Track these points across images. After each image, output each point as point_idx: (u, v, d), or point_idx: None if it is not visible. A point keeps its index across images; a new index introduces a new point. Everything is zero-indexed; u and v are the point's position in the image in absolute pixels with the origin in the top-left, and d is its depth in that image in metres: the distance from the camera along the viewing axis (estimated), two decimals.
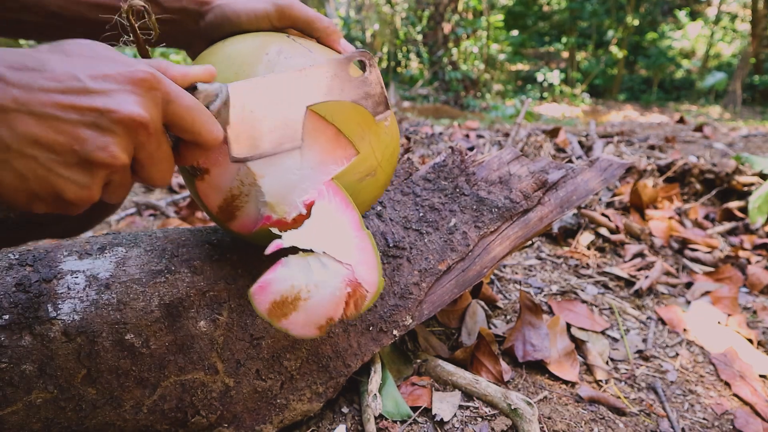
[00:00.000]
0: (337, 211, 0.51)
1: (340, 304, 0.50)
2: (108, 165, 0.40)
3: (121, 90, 0.40)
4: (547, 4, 12.50)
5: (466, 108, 7.54)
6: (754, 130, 3.60)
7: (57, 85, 0.38)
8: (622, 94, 11.92)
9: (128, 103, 0.40)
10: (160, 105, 0.42)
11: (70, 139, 0.38)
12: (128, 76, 0.40)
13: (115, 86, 0.40)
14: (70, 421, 0.58)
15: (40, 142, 0.37)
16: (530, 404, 0.73)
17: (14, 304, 0.57)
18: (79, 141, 0.38)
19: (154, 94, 0.42)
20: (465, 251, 0.79)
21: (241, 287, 0.66)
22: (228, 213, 0.57)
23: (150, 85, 0.41)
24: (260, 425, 0.66)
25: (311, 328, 0.50)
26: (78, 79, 0.38)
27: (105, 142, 0.39)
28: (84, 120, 0.38)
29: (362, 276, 0.49)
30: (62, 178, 0.38)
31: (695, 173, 1.96)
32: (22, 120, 0.36)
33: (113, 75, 0.40)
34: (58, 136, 0.38)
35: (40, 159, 0.37)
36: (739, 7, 12.29)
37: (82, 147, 0.38)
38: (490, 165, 0.90)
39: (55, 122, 0.37)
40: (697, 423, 0.88)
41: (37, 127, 0.37)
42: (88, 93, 0.38)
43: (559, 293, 1.23)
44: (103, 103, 0.39)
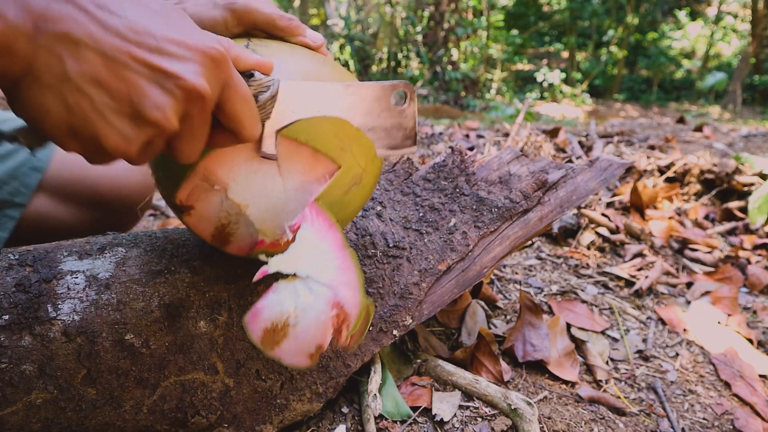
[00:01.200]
0: (320, 232, 0.51)
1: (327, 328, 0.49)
2: (158, 125, 0.39)
3: (191, 59, 0.40)
4: (547, 4, 12.50)
5: (466, 108, 7.54)
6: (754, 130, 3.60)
7: (133, 35, 0.38)
8: (622, 94, 11.92)
9: (195, 74, 0.40)
10: (220, 86, 0.42)
11: (132, 89, 0.38)
12: (201, 48, 0.40)
13: (187, 53, 0.40)
14: (70, 421, 0.58)
15: (102, 83, 0.37)
16: (530, 404, 0.73)
17: (14, 304, 0.57)
18: (139, 94, 0.38)
19: (219, 74, 0.42)
20: (465, 251, 0.79)
21: (241, 287, 0.66)
22: (222, 240, 0.58)
23: (218, 64, 0.41)
24: (260, 425, 0.66)
25: (302, 357, 0.50)
26: (154, 36, 0.38)
27: (163, 103, 0.39)
28: (149, 76, 0.38)
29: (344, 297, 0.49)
30: (109, 125, 0.38)
31: (695, 173, 1.96)
32: (92, 57, 0.36)
33: (187, 42, 0.40)
34: (121, 83, 0.37)
35: (95, 99, 0.37)
36: (739, 7, 12.29)
37: (140, 100, 0.38)
38: (490, 165, 0.90)
39: (123, 69, 0.37)
40: (697, 423, 0.88)
41: (104, 68, 0.37)
42: (160, 53, 0.38)
43: (559, 293, 1.23)
44: (172, 66, 0.39)
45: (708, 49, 11.92)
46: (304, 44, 0.59)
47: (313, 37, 0.60)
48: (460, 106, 7.65)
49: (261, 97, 0.47)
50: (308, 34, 0.60)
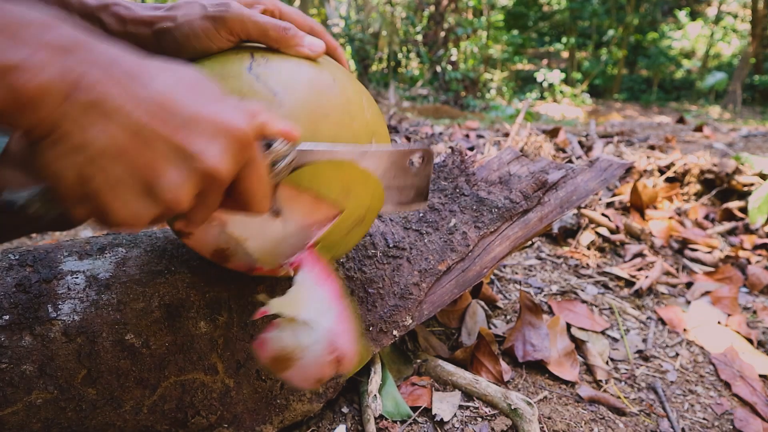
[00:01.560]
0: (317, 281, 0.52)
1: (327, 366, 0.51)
2: (169, 205, 0.38)
3: (215, 138, 0.38)
4: (547, 4, 12.50)
5: (466, 108, 7.54)
6: (754, 130, 3.59)
7: (160, 111, 0.36)
8: (622, 94, 11.92)
9: (216, 157, 0.38)
10: (240, 166, 0.41)
11: (149, 167, 0.36)
12: (227, 127, 0.39)
13: (212, 132, 0.38)
14: (70, 421, 0.58)
15: (121, 157, 0.36)
16: (530, 404, 0.73)
17: (14, 304, 0.57)
18: (156, 173, 0.37)
19: (242, 154, 0.40)
20: (465, 251, 0.79)
21: (241, 287, 0.66)
22: (221, 259, 0.58)
23: (243, 146, 0.40)
24: (260, 425, 0.66)
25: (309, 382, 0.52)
26: (181, 112, 0.37)
27: (179, 184, 0.38)
28: (170, 155, 0.37)
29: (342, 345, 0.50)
30: (119, 199, 0.37)
31: (695, 173, 1.96)
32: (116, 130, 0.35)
33: (214, 120, 0.38)
34: (140, 159, 0.36)
35: (110, 173, 0.36)
36: (739, 7, 12.29)
37: (156, 180, 0.37)
38: (490, 165, 0.90)
39: (144, 146, 0.36)
40: (697, 423, 0.88)
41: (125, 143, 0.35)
42: (185, 130, 0.37)
43: (559, 293, 1.23)
44: (194, 147, 0.37)
45: (708, 49, 11.93)
46: (303, 56, 0.55)
47: (312, 47, 0.55)
48: (460, 106, 7.65)
49: (277, 166, 0.46)
50: (306, 43, 0.55)
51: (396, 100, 7.24)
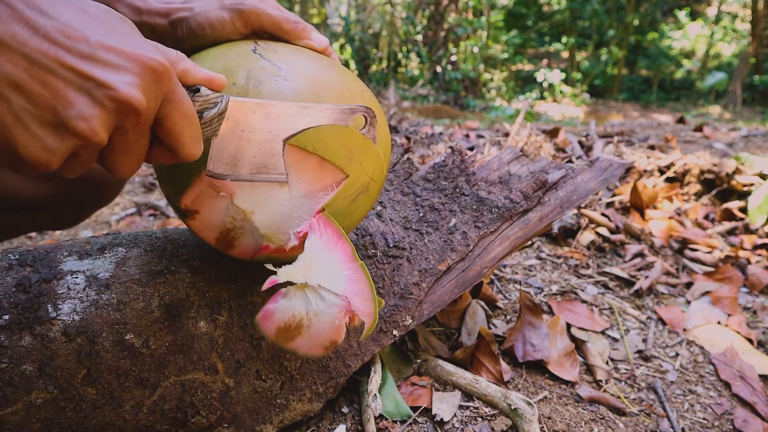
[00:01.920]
0: (329, 244, 0.51)
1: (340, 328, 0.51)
2: (83, 137, 0.37)
3: (128, 69, 0.37)
4: (547, 4, 12.51)
5: (466, 108, 7.54)
6: (754, 130, 3.60)
7: (64, 39, 0.35)
8: (622, 94, 11.92)
9: (130, 85, 0.37)
10: (159, 99, 0.40)
11: (56, 96, 0.35)
12: (140, 58, 0.38)
13: (123, 62, 0.37)
14: (70, 421, 0.58)
15: (22, 87, 0.34)
16: (530, 404, 0.73)
17: (14, 304, 0.57)
18: (63, 102, 0.35)
19: (159, 87, 0.39)
20: (465, 251, 0.79)
21: (241, 287, 0.66)
22: (226, 244, 0.58)
23: (158, 77, 0.39)
24: (260, 425, 0.66)
25: (318, 349, 0.52)
26: (88, 42, 0.36)
27: (90, 114, 0.36)
28: (78, 84, 0.36)
29: (357, 307, 0.50)
30: (28, 133, 0.35)
31: (695, 173, 1.96)
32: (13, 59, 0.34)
33: (125, 51, 0.37)
34: (44, 89, 0.35)
35: (14, 104, 0.34)
36: (739, 7, 12.30)
37: (65, 109, 0.35)
38: (490, 165, 0.90)
39: (47, 74, 0.35)
40: (697, 423, 0.88)
41: (25, 73, 0.34)
42: (92, 60, 0.36)
43: (559, 293, 1.23)
44: (104, 75, 0.36)
45: (708, 49, 11.93)
46: (309, 47, 0.59)
47: (319, 40, 0.59)
48: (460, 106, 7.65)
49: (206, 114, 0.45)
50: (313, 36, 0.59)
51: (396, 100, 7.24)
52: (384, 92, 7.77)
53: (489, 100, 8.59)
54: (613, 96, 11.71)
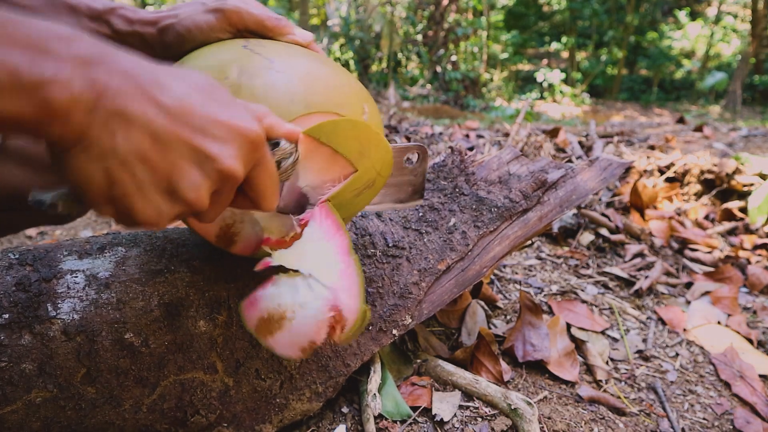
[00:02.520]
0: (327, 234, 0.52)
1: (322, 327, 0.50)
2: (190, 204, 0.41)
3: (230, 141, 0.41)
4: (547, 4, 12.50)
5: (466, 108, 7.54)
6: (754, 130, 3.59)
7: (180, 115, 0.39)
8: (622, 94, 11.92)
9: (233, 158, 0.41)
10: (252, 165, 0.44)
11: (173, 168, 0.39)
12: (241, 130, 0.41)
13: (227, 135, 0.41)
14: (69, 420, 0.58)
15: (147, 160, 0.38)
16: (530, 404, 0.73)
17: (14, 303, 0.56)
18: (179, 173, 0.39)
19: (254, 155, 0.43)
20: (464, 251, 0.79)
21: (240, 287, 0.66)
22: (227, 240, 0.58)
23: (254, 147, 0.43)
24: (260, 425, 0.66)
25: (294, 349, 0.51)
26: (199, 116, 0.40)
27: (199, 184, 0.40)
28: (191, 156, 0.39)
29: (343, 302, 0.49)
30: (144, 198, 0.39)
31: (695, 173, 1.96)
32: (141, 135, 0.37)
33: (229, 124, 0.41)
34: (164, 161, 0.38)
35: (136, 176, 0.38)
36: (739, 7, 12.29)
37: (179, 180, 0.39)
38: (490, 165, 0.90)
39: (168, 148, 0.38)
40: (697, 423, 0.88)
41: (151, 147, 0.38)
42: (203, 133, 0.40)
43: (559, 293, 1.23)
44: (212, 149, 0.40)
45: (708, 49, 11.92)
46: (294, 42, 0.61)
47: (302, 35, 0.62)
48: (460, 106, 7.65)
49: (283, 164, 0.48)
50: (297, 32, 0.62)
51: (396, 100, 7.24)
52: (384, 92, 7.77)
53: (489, 100, 8.59)
54: (613, 96, 11.71)
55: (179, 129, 0.39)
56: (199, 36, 0.59)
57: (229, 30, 0.59)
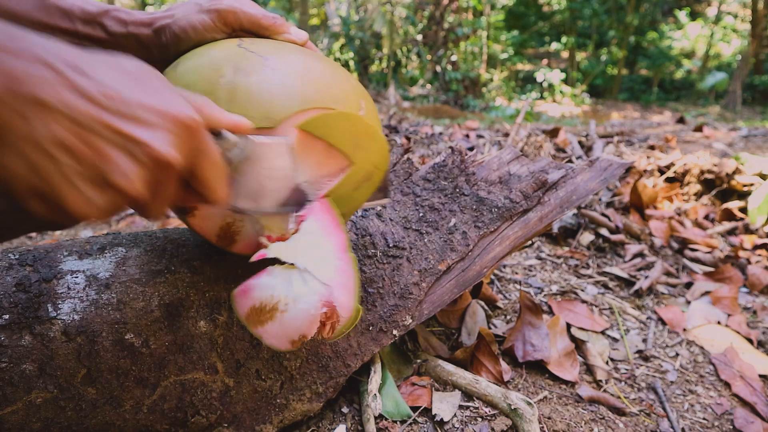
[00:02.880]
0: (325, 230, 0.51)
1: (314, 322, 0.49)
2: (123, 192, 0.39)
3: (163, 126, 0.39)
4: (547, 4, 12.50)
5: (466, 108, 7.54)
6: (754, 130, 3.60)
7: (105, 100, 0.37)
8: (622, 94, 11.92)
9: (166, 143, 0.39)
10: (191, 153, 0.42)
11: (99, 155, 0.37)
12: (174, 115, 0.40)
13: (158, 120, 0.39)
14: (70, 420, 0.58)
15: (69, 148, 0.36)
16: (530, 404, 0.73)
17: (14, 303, 0.57)
18: (106, 160, 0.38)
19: (191, 142, 0.42)
20: (465, 251, 0.79)
21: None
22: (227, 240, 0.58)
23: (190, 132, 0.41)
24: (260, 425, 0.66)
25: (284, 341, 0.50)
26: (127, 101, 0.38)
27: (131, 171, 0.39)
28: (118, 143, 0.38)
29: (338, 299, 0.49)
30: (73, 188, 0.38)
31: (695, 173, 1.96)
32: (61, 122, 0.36)
33: (160, 108, 0.40)
34: (89, 149, 0.37)
35: (61, 162, 0.37)
36: (739, 7, 12.29)
37: (107, 167, 0.38)
38: (490, 165, 0.90)
39: (91, 135, 0.37)
40: (697, 423, 0.88)
41: (72, 134, 0.36)
42: (131, 119, 0.38)
43: (559, 293, 1.23)
44: (142, 135, 0.38)
45: (708, 49, 11.92)
46: (290, 41, 0.61)
47: (298, 34, 0.62)
48: (460, 106, 7.65)
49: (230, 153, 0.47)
50: (292, 31, 0.62)
51: (396, 100, 7.24)
52: (384, 92, 7.77)
53: (489, 100, 8.59)
54: (613, 96, 11.71)
55: (103, 114, 0.37)
56: (195, 36, 0.59)
57: (225, 30, 0.59)
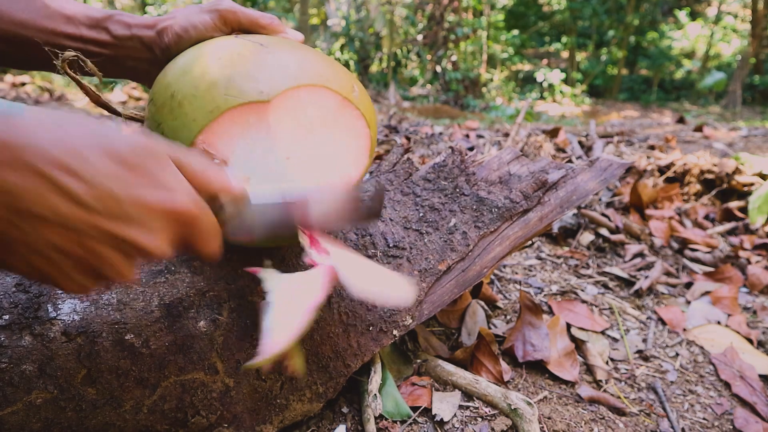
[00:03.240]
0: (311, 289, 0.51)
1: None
2: (117, 281, 0.41)
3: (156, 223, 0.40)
4: (547, 4, 12.50)
5: (466, 108, 7.54)
6: (754, 130, 3.60)
7: (95, 203, 0.37)
8: (622, 94, 11.92)
9: (157, 240, 0.40)
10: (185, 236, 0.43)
11: (92, 255, 0.38)
12: (168, 209, 0.40)
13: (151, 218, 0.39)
14: (70, 421, 0.58)
15: (64, 251, 0.37)
16: (530, 404, 0.73)
17: (14, 304, 0.57)
18: (98, 258, 0.39)
19: (185, 229, 0.42)
20: (465, 251, 0.79)
21: (241, 287, 0.66)
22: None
23: (185, 222, 0.41)
24: (260, 425, 0.66)
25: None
26: (118, 200, 0.37)
27: (121, 266, 0.40)
28: (111, 243, 0.39)
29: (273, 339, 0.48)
30: (70, 279, 0.39)
31: (695, 173, 1.96)
32: (55, 230, 0.36)
33: (152, 205, 0.39)
34: (82, 251, 0.38)
35: (57, 262, 0.38)
36: (739, 7, 12.29)
37: (100, 264, 0.39)
38: (490, 165, 0.90)
39: (84, 238, 0.37)
40: (697, 423, 0.88)
41: (66, 239, 0.37)
42: (123, 220, 0.38)
43: (559, 293, 1.23)
44: (133, 236, 0.39)
45: (708, 49, 11.92)
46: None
47: (294, 35, 0.65)
48: (460, 106, 7.65)
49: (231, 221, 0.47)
50: (289, 31, 0.65)
51: (396, 100, 7.24)
52: (384, 92, 7.77)
53: (489, 100, 8.58)
54: (613, 96, 11.71)
55: (95, 219, 0.37)
56: (195, 35, 0.61)
57: (224, 29, 0.62)
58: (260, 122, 0.54)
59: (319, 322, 0.70)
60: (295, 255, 0.71)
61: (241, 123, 0.53)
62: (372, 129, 0.61)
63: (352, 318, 0.72)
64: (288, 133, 0.55)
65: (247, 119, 0.53)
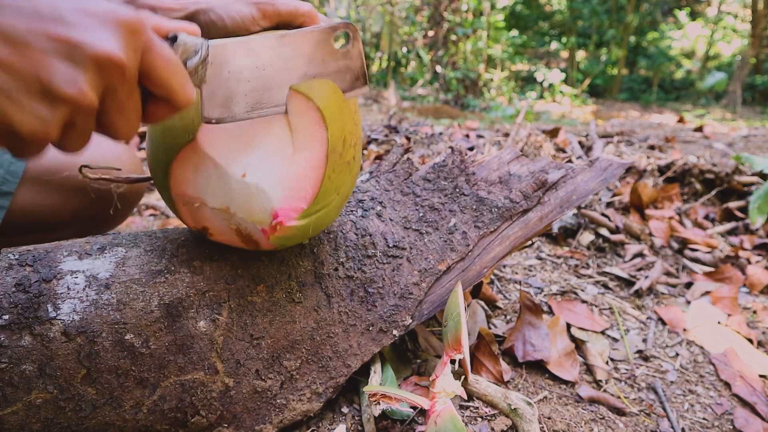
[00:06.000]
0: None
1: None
2: (73, 101, 0.37)
3: (101, 26, 0.37)
4: (548, 4, 12.50)
5: (466, 108, 7.54)
6: (754, 130, 3.60)
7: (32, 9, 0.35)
8: (622, 94, 11.92)
9: (106, 40, 0.37)
10: (139, 51, 0.40)
11: (37, 66, 0.35)
12: (112, 14, 0.38)
13: (95, 22, 0.37)
14: (69, 421, 0.58)
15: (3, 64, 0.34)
16: (530, 404, 0.73)
17: (14, 304, 0.57)
18: (46, 69, 0.35)
19: (136, 39, 0.39)
20: (465, 251, 0.79)
21: (241, 287, 0.66)
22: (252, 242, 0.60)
23: (133, 28, 0.38)
24: (260, 425, 0.66)
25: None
26: (57, 8, 0.36)
27: (74, 76, 0.36)
28: (55, 49, 0.36)
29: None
30: (20, 107, 0.35)
31: (695, 173, 1.96)
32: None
33: (95, 11, 0.37)
34: (24, 61, 0.35)
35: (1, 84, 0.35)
36: (739, 7, 12.29)
37: (49, 76, 0.36)
38: (490, 165, 0.90)
39: (24, 47, 0.35)
40: (697, 423, 0.88)
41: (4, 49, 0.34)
42: (65, 23, 0.36)
43: (559, 293, 1.23)
44: (78, 36, 0.36)
45: (708, 49, 11.92)
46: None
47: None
48: (460, 106, 7.65)
49: (190, 62, 0.45)
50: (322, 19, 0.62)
51: (396, 100, 7.24)
52: (384, 92, 7.76)
53: (489, 100, 8.59)
54: (613, 96, 11.71)
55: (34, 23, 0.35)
56: (231, 25, 0.57)
57: (262, 23, 0.58)
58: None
59: (319, 322, 0.70)
60: (296, 254, 0.71)
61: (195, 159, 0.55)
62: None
63: (352, 318, 0.72)
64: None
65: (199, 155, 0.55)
